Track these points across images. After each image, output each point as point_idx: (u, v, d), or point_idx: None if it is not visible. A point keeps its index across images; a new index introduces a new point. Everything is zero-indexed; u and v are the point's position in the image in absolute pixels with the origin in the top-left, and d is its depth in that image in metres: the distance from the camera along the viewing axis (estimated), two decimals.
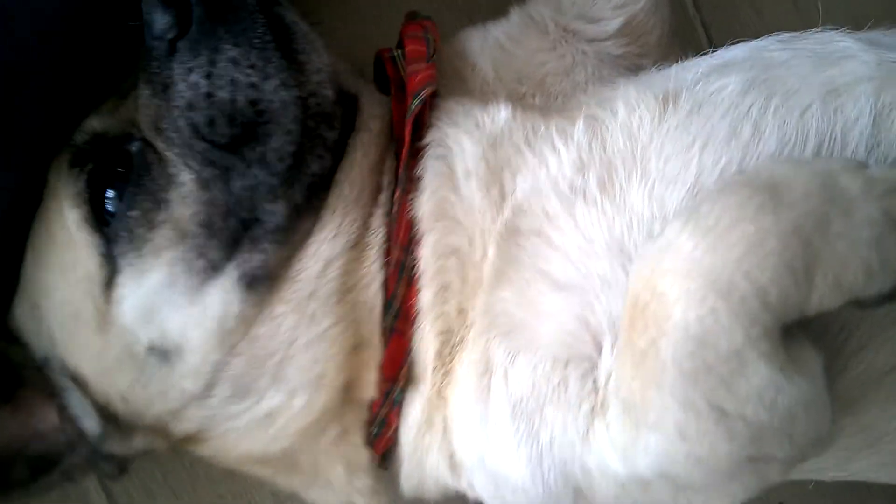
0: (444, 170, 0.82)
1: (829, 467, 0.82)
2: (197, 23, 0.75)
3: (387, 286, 0.79)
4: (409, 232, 0.79)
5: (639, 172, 0.73)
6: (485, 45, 0.96)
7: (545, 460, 0.71)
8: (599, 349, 0.70)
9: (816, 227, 0.59)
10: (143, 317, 0.76)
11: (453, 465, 0.81)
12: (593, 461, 0.69)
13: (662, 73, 0.82)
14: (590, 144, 0.76)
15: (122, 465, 0.88)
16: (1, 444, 0.82)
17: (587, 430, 0.69)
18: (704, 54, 0.84)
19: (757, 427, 0.61)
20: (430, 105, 0.84)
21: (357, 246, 0.80)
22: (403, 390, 0.80)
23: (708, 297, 0.58)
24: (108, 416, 0.81)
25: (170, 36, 0.76)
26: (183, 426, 0.81)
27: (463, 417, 0.77)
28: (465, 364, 0.77)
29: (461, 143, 0.82)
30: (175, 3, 0.75)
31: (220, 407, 0.79)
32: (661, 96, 0.76)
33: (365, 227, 0.81)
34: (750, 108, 0.73)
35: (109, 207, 0.77)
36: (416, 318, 0.79)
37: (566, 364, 0.70)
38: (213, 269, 0.74)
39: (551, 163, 0.77)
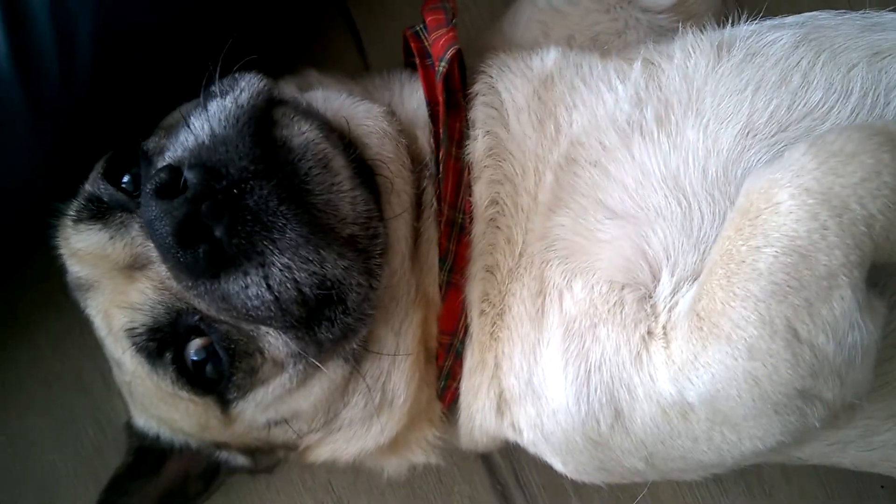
0: (493, 112, 0.85)
1: (853, 439, 0.84)
2: (229, 246, 0.69)
3: (440, 244, 0.83)
4: (457, 188, 0.82)
5: (694, 110, 0.77)
6: (535, 8, 0.99)
7: (593, 378, 0.74)
8: (656, 278, 0.73)
9: None
10: (260, 413, 0.85)
11: (500, 404, 0.85)
12: (641, 382, 0.72)
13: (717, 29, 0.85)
14: (647, 83, 0.80)
15: (274, 465, 1.01)
16: (172, 483, 0.97)
17: (640, 352, 0.72)
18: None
19: (821, 359, 0.64)
20: (459, 66, 0.86)
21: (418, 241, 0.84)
22: (463, 341, 0.84)
23: (821, 213, 0.62)
24: (251, 451, 0.93)
25: (212, 271, 0.71)
26: (307, 441, 0.91)
27: (514, 343, 0.80)
28: (517, 293, 0.80)
29: (511, 85, 0.85)
30: (200, 239, 0.68)
31: (340, 427, 0.88)
32: (716, 44, 0.80)
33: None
34: (800, 60, 0.78)
35: (210, 373, 0.80)
36: (468, 267, 0.82)
37: (622, 287, 0.74)
38: (317, 369, 0.79)
39: (608, 99, 0.80)
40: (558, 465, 0.86)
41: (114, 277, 0.82)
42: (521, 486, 1.20)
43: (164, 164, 0.71)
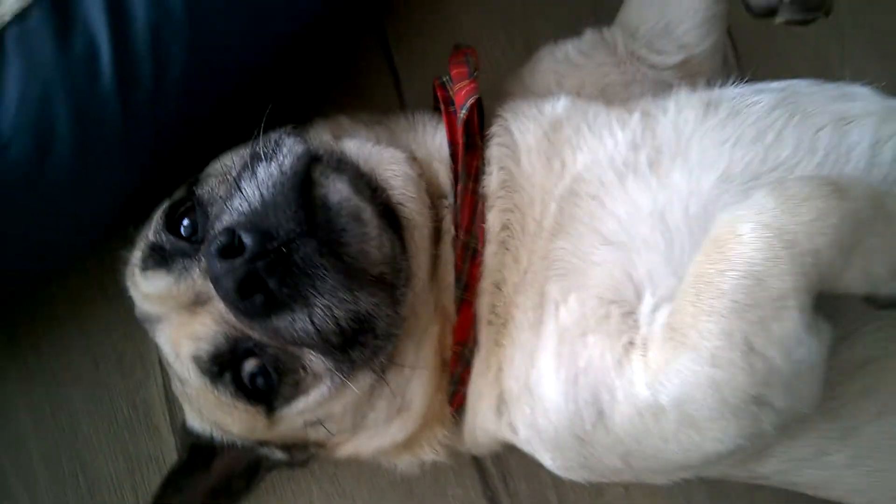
0: (507, 150, 0.98)
1: (807, 458, 0.93)
2: (280, 295, 0.82)
3: (456, 266, 0.96)
4: (472, 217, 0.95)
5: (682, 157, 0.89)
6: (553, 59, 1.13)
7: (580, 380, 0.85)
8: (640, 297, 0.85)
9: (865, 222, 0.76)
10: (299, 416, 0.96)
11: (500, 404, 0.95)
12: (621, 385, 0.82)
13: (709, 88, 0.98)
14: (643, 131, 0.92)
15: (307, 460, 1.12)
16: (220, 480, 1.09)
17: (621, 358, 0.83)
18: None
19: (772, 370, 0.75)
20: (478, 112, 0.99)
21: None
22: (472, 350, 0.96)
23: (776, 244, 0.74)
24: (288, 447, 1.05)
25: (262, 311, 0.83)
26: (337, 440, 1.02)
27: (515, 348, 0.91)
28: (520, 305, 0.92)
29: (524, 127, 0.99)
30: (257, 289, 0.81)
31: (364, 427, 1.00)
32: (705, 102, 0.93)
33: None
34: (776, 121, 0.90)
35: (260, 385, 0.93)
36: (479, 284, 0.95)
37: (610, 303, 0.85)
38: (351, 380, 0.91)
39: (609, 143, 0.93)
40: (548, 461, 0.96)
41: (179, 313, 0.95)
42: (509, 494, 1.30)
43: (223, 226, 0.84)
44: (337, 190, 0.88)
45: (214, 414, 1.00)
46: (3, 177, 0.96)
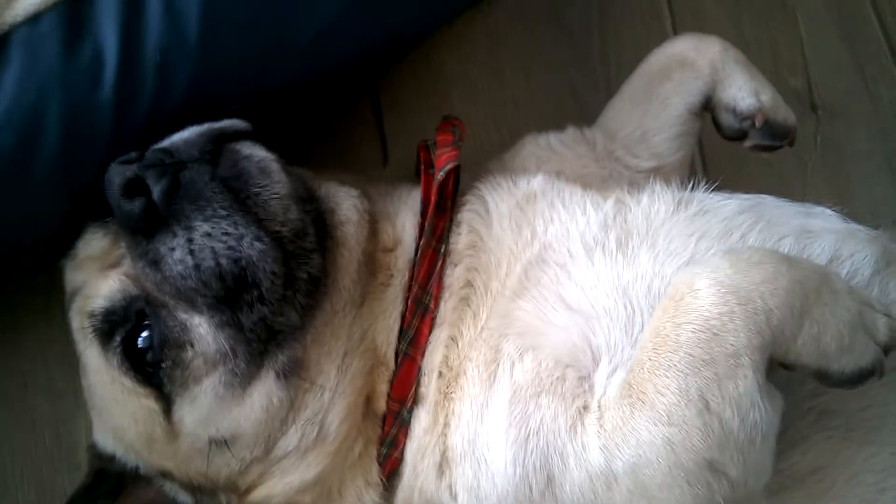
0: (478, 217, 1.05)
1: None
2: (163, 207, 0.87)
3: (403, 317, 0.99)
4: (429, 274, 1.00)
5: (649, 243, 0.96)
6: (535, 145, 1.22)
7: (530, 442, 0.86)
8: (596, 363, 0.89)
9: (813, 290, 0.83)
10: (200, 425, 0.94)
11: (442, 463, 0.95)
12: (574, 450, 0.84)
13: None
14: (615, 216, 0.99)
15: None
16: None
17: (574, 422, 0.85)
18: None
19: (727, 432, 0.78)
20: (455, 180, 1.06)
21: (372, 293, 1.00)
22: (410, 411, 0.97)
23: (730, 300, 0.80)
24: (193, 488, 1.02)
25: (143, 224, 0.88)
26: (247, 478, 1.00)
27: (464, 403, 0.92)
28: (474, 359, 0.94)
29: (497, 197, 1.05)
30: (137, 192, 0.87)
31: (277, 459, 0.98)
32: (678, 198, 1.01)
33: (373, 276, 1.01)
34: (742, 223, 0.98)
35: (149, 359, 0.94)
36: (426, 346, 0.97)
37: (566, 366, 0.89)
38: (250, 377, 0.92)
39: (580, 220, 0.99)
40: None
41: (95, 277, 0.97)
42: None
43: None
44: (255, 150, 0.94)
45: (112, 412, 0.98)
46: None
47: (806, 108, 1.51)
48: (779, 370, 0.85)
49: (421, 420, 0.97)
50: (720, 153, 1.48)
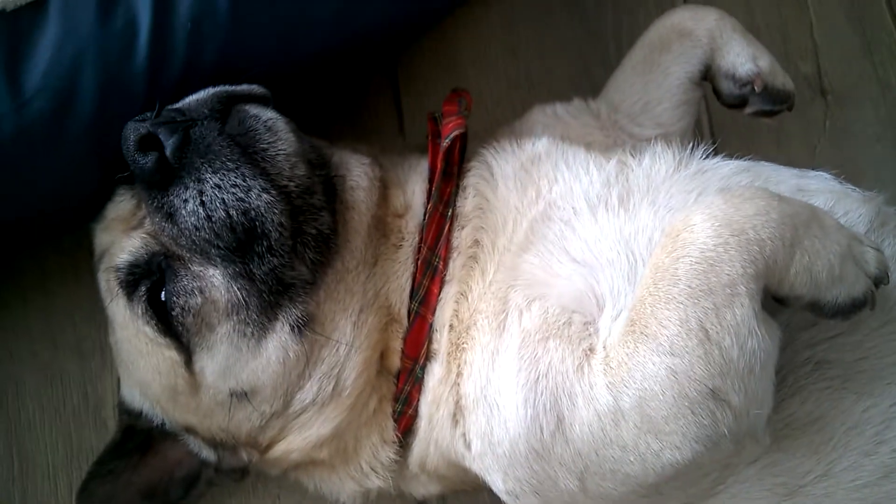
0: (483, 180, 1.10)
1: None
2: (175, 161, 0.93)
3: (414, 278, 1.05)
4: (437, 236, 1.05)
5: (650, 199, 1.01)
6: (542, 113, 1.28)
7: (540, 384, 0.90)
8: (601, 309, 0.93)
9: (803, 224, 0.87)
10: (220, 376, 1.00)
11: (456, 412, 1.00)
12: (581, 390, 0.88)
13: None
14: (617, 175, 1.05)
15: (242, 472, 1.15)
16: (154, 479, 1.12)
17: (581, 363, 0.89)
18: None
19: (727, 360, 0.82)
20: (461, 148, 1.12)
21: (384, 254, 1.05)
22: (423, 368, 1.02)
23: (724, 232, 0.85)
24: (216, 443, 1.09)
25: (157, 178, 0.94)
26: (267, 434, 1.06)
27: (475, 352, 0.97)
28: (483, 311, 0.99)
29: (502, 160, 1.11)
30: (151, 146, 0.93)
31: (296, 414, 1.03)
32: (678, 157, 1.06)
33: (385, 238, 1.07)
34: (740, 181, 1.03)
35: (168, 309, 0.99)
36: (437, 304, 1.03)
37: (572, 312, 0.93)
38: (264, 329, 0.98)
39: (584, 179, 1.04)
40: (498, 483, 0.98)
41: (121, 238, 1.03)
42: None
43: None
44: (263, 111, 0.99)
45: (137, 365, 1.03)
46: (18, 133, 1.05)
47: (815, 93, 1.55)
48: (778, 313, 0.89)
49: (434, 373, 1.01)
50: (730, 135, 1.52)
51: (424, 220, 1.06)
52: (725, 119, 1.51)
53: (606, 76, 1.46)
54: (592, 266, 0.96)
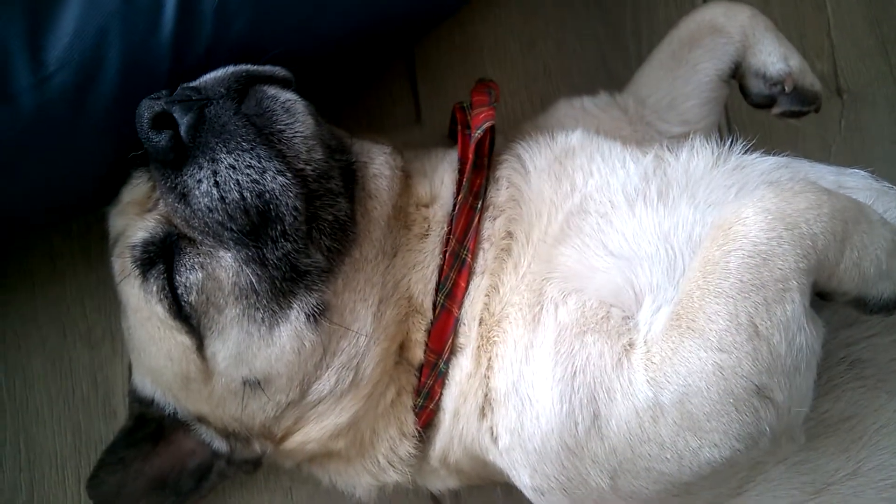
0: (517, 172, 1.08)
1: None
2: (189, 140, 0.91)
3: (441, 270, 1.03)
4: (466, 229, 1.03)
5: (689, 194, 1.00)
6: (570, 107, 1.27)
7: (577, 379, 0.89)
8: (640, 304, 0.92)
9: (852, 219, 0.87)
10: (232, 363, 0.98)
11: (485, 406, 0.98)
12: (620, 385, 0.86)
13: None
14: (654, 169, 1.03)
15: (255, 464, 1.12)
16: (165, 469, 1.10)
17: (621, 358, 0.88)
18: None
19: (775, 356, 0.81)
20: (490, 139, 1.10)
21: (405, 245, 1.04)
22: (447, 362, 1.01)
23: (778, 226, 0.84)
24: (229, 434, 1.06)
25: (171, 157, 0.92)
26: (282, 424, 1.04)
27: (507, 345, 0.95)
28: (516, 304, 0.97)
29: (535, 153, 1.09)
30: (165, 124, 0.91)
31: (313, 404, 1.01)
32: (716, 153, 1.05)
33: (407, 228, 1.05)
34: (780, 177, 1.02)
35: (179, 293, 0.98)
36: (464, 298, 1.01)
37: (611, 306, 0.92)
38: (276, 316, 0.96)
39: (620, 173, 1.03)
40: (525, 479, 0.96)
41: (135, 221, 1.01)
42: None
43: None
44: (281, 92, 0.97)
45: (149, 351, 1.01)
46: (41, 107, 1.02)
47: (831, 92, 1.56)
48: (819, 310, 0.88)
49: (462, 367, 1.00)
50: (746, 133, 1.51)
51: (454, 211, 1.04)
52: (743, 117, 1.50)
53: (624, 69, 1.46)
54: (631, 260, 0.95)
